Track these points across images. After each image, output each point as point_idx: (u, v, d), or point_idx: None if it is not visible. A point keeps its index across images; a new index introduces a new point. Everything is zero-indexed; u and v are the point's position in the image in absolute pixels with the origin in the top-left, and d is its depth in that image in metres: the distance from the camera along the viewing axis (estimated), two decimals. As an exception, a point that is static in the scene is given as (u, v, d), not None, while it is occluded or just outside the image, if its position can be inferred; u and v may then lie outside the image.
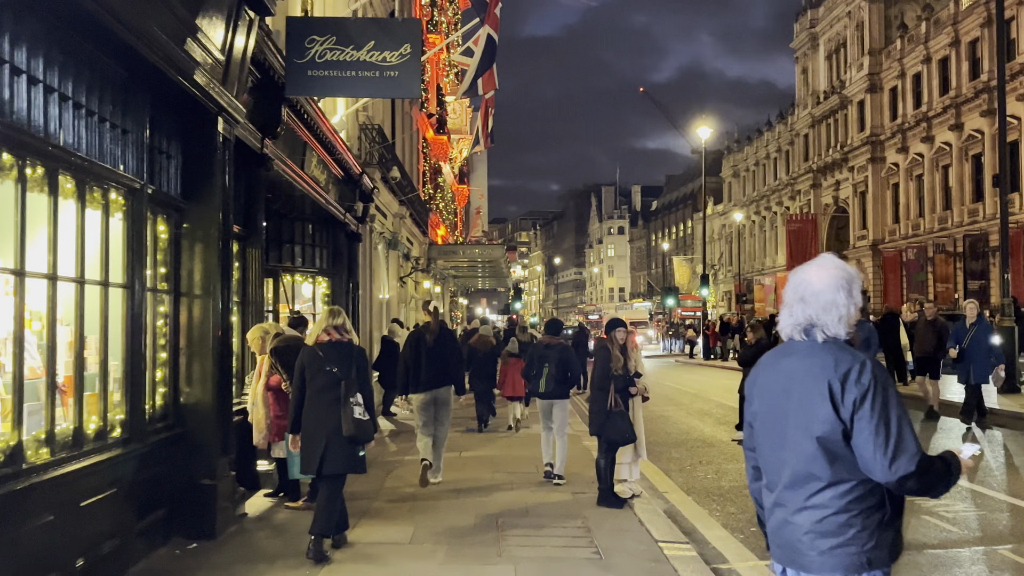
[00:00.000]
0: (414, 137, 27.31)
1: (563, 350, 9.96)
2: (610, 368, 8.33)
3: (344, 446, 6.74)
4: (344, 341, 7.04)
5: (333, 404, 6.74)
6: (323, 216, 13.75)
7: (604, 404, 8.39)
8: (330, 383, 6.77)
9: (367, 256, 16.76)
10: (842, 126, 61.50)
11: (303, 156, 10.94)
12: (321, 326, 7.06)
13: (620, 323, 8.62)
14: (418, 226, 26.35)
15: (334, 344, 6.93)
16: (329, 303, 14.65)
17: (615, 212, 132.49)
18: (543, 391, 9.86)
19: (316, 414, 6.82)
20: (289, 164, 10.23)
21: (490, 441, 13.62)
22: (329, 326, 7.00)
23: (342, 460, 6.80)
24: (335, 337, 6.98)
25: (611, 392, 8.31)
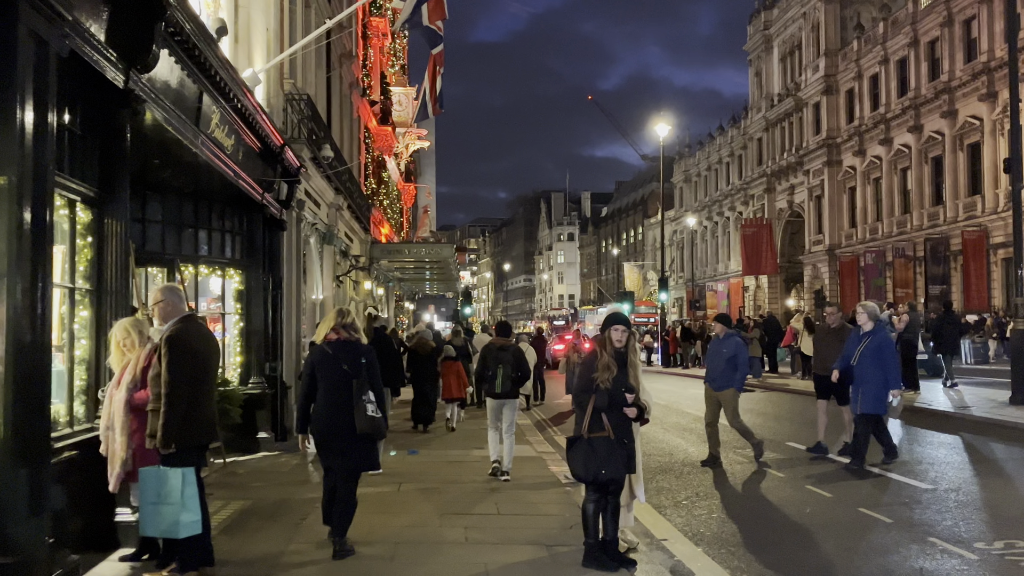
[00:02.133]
0: (354, 125, 24.91)
1: (516, 351, 10.50)
2: (593, 380, 6.13)
3: (357, 443, 6.90)
4: (353, 340, 7.16)
5: (345, 402, 6.84)
6: (234, 195, 11.35)
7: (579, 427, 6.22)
8: (342, 381, 6.88)
9: (293, 248, 14.35)
10: (797, 129, 60.50)
11: (199, 110, 8.55)
12: (330, 325, 7.16)
13: (620, 320, 6.39)
14: (359, 221, 23.94)
15: (343, 343, 7.06)
16: (244, 301, 12.23)
17: (565, 219, 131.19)
18: (499, 391, 10.29)
19: (329, 413, 6.90)
20: (178, 116, 7.83)
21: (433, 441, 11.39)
22: (338, 325, 7.12)
23: (356, 457, 6.95)
24: (344, 336, 7.10)
25: (588, 409, 6.13)
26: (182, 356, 5.90)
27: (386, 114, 29.93)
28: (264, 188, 12.01)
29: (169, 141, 8.20)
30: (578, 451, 6.16)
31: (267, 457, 11.60)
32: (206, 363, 6.19)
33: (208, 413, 6.18)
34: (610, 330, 6.27)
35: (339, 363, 6.93)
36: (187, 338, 5.99)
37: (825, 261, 56.06)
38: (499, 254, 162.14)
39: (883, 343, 10.55)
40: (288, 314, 13.93)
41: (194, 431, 5.99)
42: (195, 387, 5.97)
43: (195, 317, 6.46)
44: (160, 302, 6.17)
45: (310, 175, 15.53)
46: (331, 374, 6.92)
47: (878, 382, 10.39)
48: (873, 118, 50.54)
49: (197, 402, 6.00)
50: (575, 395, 6.34)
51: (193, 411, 5.95)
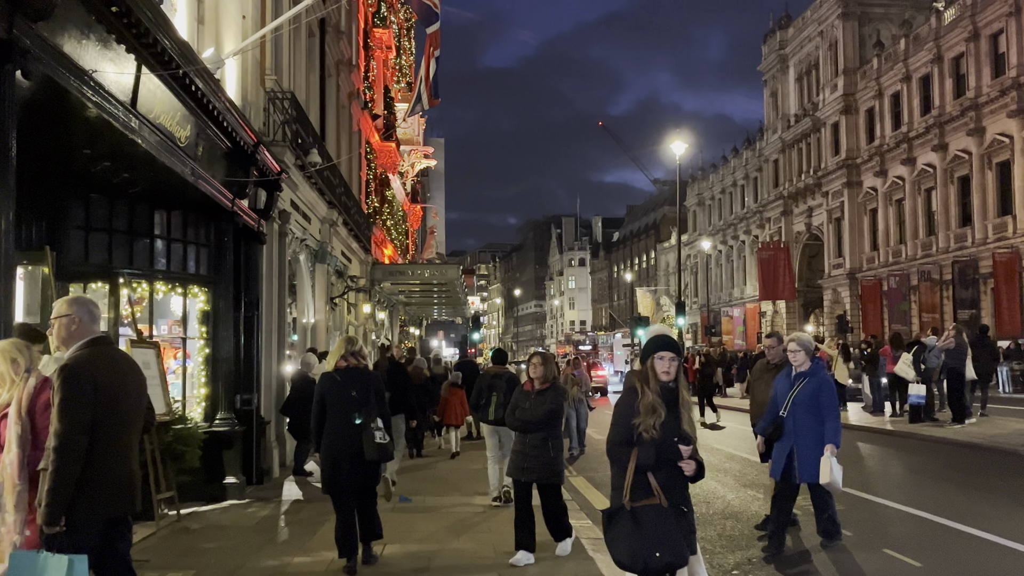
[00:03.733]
0: (354, 138, 23.39)
1: (510, 379, 10.24)
2: (633, 427, 4.44)
3: (366, 466, 7.16)
4: (362, 367, 7.37)
5: (355, 428, 7.05)
6: (198, 200, 9.76)
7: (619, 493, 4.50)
8: (351, 408, 7.09)
9: (275, 265, 12.72)
10: (815, 150, 58.92)
11: (135, 88, 6.95)
12: (339, 353, 7.29)
13: (668, 345, 4.67)
14: (358, 241, 22.35)
15: (352, 370, 7.25)
16: (210, 324, 10.58)
17: (576, 243, 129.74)
18: (492, 418, 10.06)
19: (339, 439, 7.09)
20: (98, 89, 6.22)
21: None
22: (347, 353, 7.27)
23: (364, 477, 7.22)
24: (353, 363, 7.27)
25: (630, 469, 4.41)
26: (79, 394, 4.26)
27: (389, 129, 28.43)
28: (235, 193, 10.41)
29: (98, 124, 6.60)
30: (620, 528, 4.44)
31: (234, 507, 9.88)
32: (117, 403, 4.47)
33: (121, 474, 4.47)
34: (654, 359, 4.57)
35: (348, 390, 7.13)
36: (89, 369, 4.33)
37: (846, 285, 54.23)
38: (509, 280, 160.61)
39: (822, 386, 7.55)
40: (268, 339, 12.28)
41: (94, 501, 4.30)
42: (99, 438, 4.30)
43: (108, 341, 4.75)
44: (63, 316, 4.51)
45: (296, 184, 13.94)
46: (340, 401, 7.09)
47: (817, 439, 7.42)
48: (895, 137, 48.90)
49: (102, 459, 4.33)
50: (610, 449, 4.61)
51: (95, 472, 4.29)
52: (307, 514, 9.54)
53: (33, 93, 5.68)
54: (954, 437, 15.74)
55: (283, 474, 12.40)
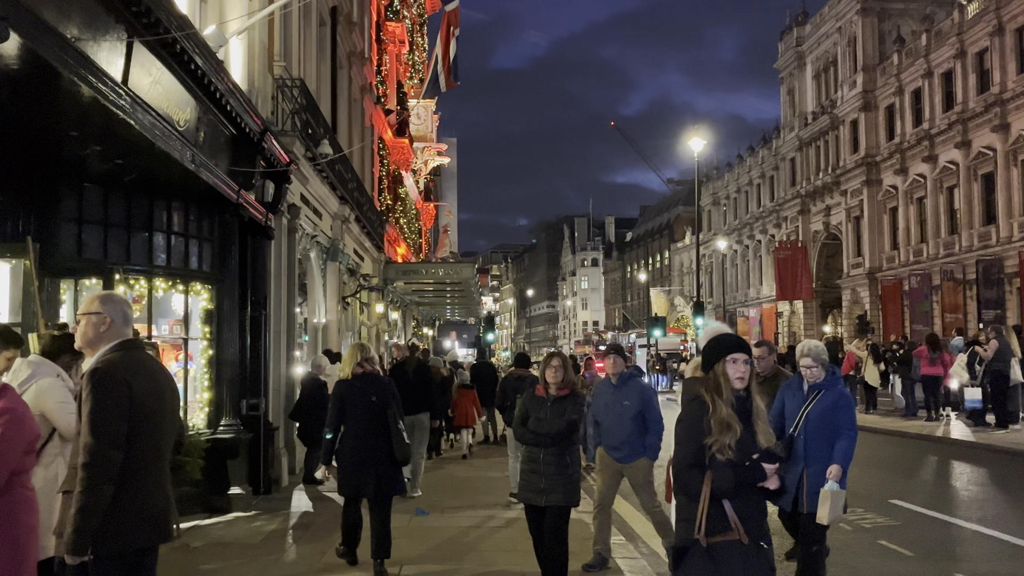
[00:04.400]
0: (367, 134, 22.73)
1: (533, 382, 9.57)
2: (704, 447, 3.71)
3: (391, 470, 7.21)
4: (375, 373, 7.48)
5: (379, 432, 7.10)
6: (201, 191, 9.10)
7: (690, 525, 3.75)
8: (375, 412, 7.14)
9: (284, 261, 12.05)
10: (833, 148, 57.98)
11: (127, 62, 6.28)
12: (355, 359, 7.35)
13: (739, 345, 3.92)
14: (371, 239, 21.69)
15: (368, 376, 7.32)
16: (214, 323, 9.91)
17: (588, 244, 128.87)
18: None
19: (363, 443, 7.12)
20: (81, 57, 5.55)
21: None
22: (362, 359, 7.34)
23: (390, 483, 7.23)
24: (369, 369, 7.36)
25: (704, 497, 3.66)
26: (114, 403, 3.63)
27: (403, 126, 27.77)
28: (241, 184, 9.74)
29: (85, 102, 5.92)
30: (695, 569, 3.69)
31: (239, 521, 9.20)
32: (153, 416, 3.83)
33: (156, 498, 3.85)
34: (725, 363, 3.82)
35: (368, 395, 7.17)
36: (125, 375, 3.69)
37: (865, 285, 53.28)
38: (521, 280, 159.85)
39: (840, 401, 6.35)
40: (276, 340, 11.61)
41: (126, 529, 3.68)
42: (134, 455, 3.68)
43: (141, 345, 4.05)
44: (92, 314, 3.85)
45: (306, 177, 13.28)
46: (361, 406, 7.12)
47: (823, 465, 6.15)
48: (916, 134, 47.95)
49: (136, 480, 3.70)
50: (678, 474, 3.83)
51: (128, 495, 3.66)
52: (318, 527, 8.87)
53: (13, 68, 5.03)
54: (1000, 443, 14.94)
55: (292, 483, 11.73)
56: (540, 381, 6.55)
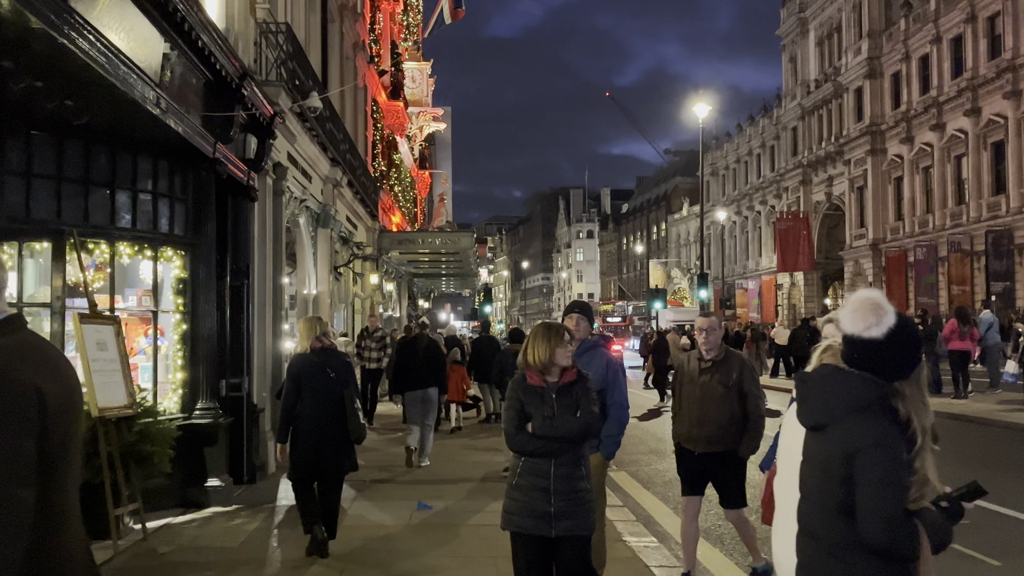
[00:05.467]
0: (359, 95, 21.48)
1: None
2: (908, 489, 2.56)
3: (346, 450, 6.91)
4: (333, 348, 7.21)
5: (335, 410, 6.81)
6: (172, 144, 7.93)
7: None
8: (331, 389, 6.84)
9: (270, 226, 10.92)
10: (836, 117, 56.82)
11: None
12: (312, 333, 7.00)
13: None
14: (364, 206, 20.51)
15: (327, 351, 7.01)
16: (188, 294, 8.77)
17: (584, 216, 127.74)
18: None
19: (320, 421, 6.77)
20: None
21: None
22: (320, 334, 7.02)
23: (345, 462, 6.94)
24: (327, 344, 7.05)
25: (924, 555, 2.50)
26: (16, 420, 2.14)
27: (397, 88, 26.49)
28: (218, 136, 8.57)
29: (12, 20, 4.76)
30: None
31: (217, 517, 8.11)
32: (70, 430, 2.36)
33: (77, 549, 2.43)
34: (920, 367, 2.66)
35: (326, 371, 6.85)
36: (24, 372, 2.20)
37: (869, 256, 52.33)
38: (516, 252, 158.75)
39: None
40: (260, 312, 10.49)
41: None
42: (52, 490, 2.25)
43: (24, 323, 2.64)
44: None
45: (294, 135, 12.10)
46: (319, 382, 6.80)
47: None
48: (923, 102, 46.80)
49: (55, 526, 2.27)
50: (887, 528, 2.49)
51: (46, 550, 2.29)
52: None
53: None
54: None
55: (280, 470, 10.67)
56: (530, 365, 4.68)
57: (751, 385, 6.07)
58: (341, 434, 6.78)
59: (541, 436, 4.54)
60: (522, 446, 4.58)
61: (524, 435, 4.58)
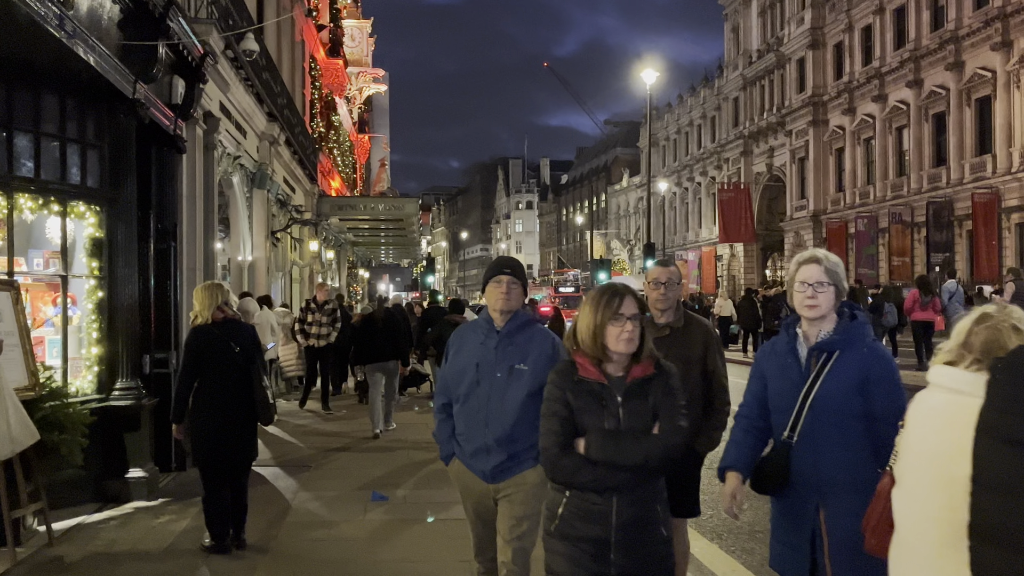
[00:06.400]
0: (296, 49, 20.12)
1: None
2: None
3: (252, 435, 6.25)
4: (237, 318, 6.41)
5: (239, 388, 6.04)
6: (84, 81, 6.73)
7: None
8: (234, 365, 6.02)
9: (200, 182, 9.74)
10: (778, 87, 56.65)
11: None
12: (213, 302, 6.08)
13: None
14: (303, 167, 19.24)
15: (230, 321, 6.20)
16: (104, 257, 7.58)
17: (523, 186, 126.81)
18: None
19: (221, 400, 5.98)
20: None
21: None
22: (220, 302, 6.12)
23: (251, 448, 6.29)
24: (229, 314, 6.23)
25: None
26: None
27: (336, 45, 25.10)
28: (138, 74, 7.37)
29: None
30: None
31: (139, 514, 7.01)
32: None
33: None
34: None
35: (230, 345, 6.04)
36: None
37: (809, 228, 52.46)
38: (455, 223, 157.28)
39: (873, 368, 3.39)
40: (189, 279, 9.34)
41: None
42: None
43: None
44: None
45: (227, 83, 10.89)
46: (222, 358, 6.00)
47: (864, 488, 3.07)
48: (865, 73, 46.80)
49: None
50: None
51: None
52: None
53: None
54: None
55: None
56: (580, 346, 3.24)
57: (717, 361, 4.62)
58: (246, 418, 6.09)
59: (608, 460, 3.09)
60: (569, 475, 3.13)
61: (572, 458, 3.11)
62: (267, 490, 8.00)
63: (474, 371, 3.96)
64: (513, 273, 4.04)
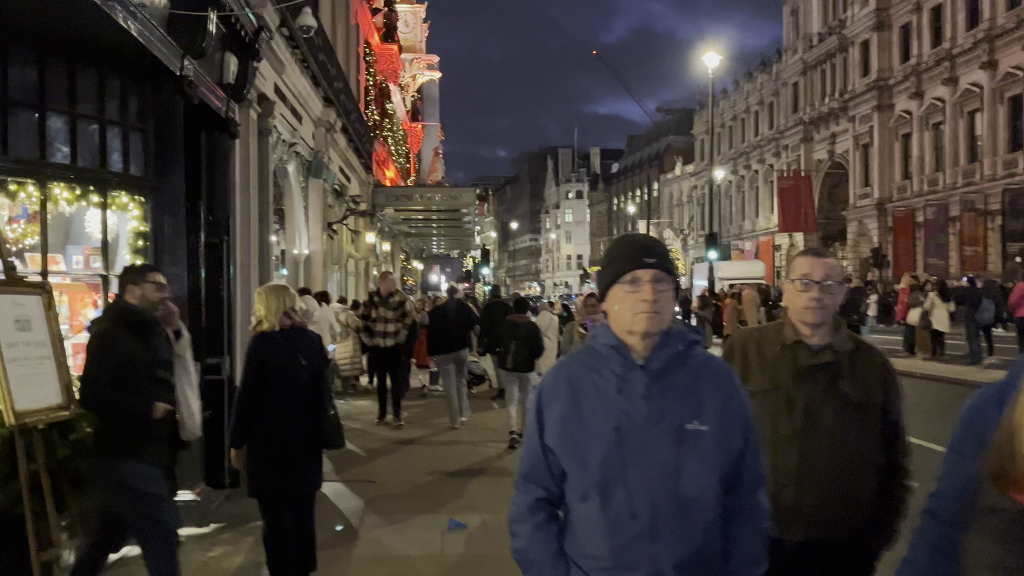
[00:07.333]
0: (351, 33, 19.34)
1: (529, 326, 10.50)
2: None
3: (317, 460, 5.44)
4: (303, 327, 5.57)
5: (305, 407, 5.28)
6: (121, 51, 5.91)
7: None
8: (300, 381, 5.26)
9: (254, 170, 8.93)
10: (841, 71, 54.82)
11: None
12: (278, 307, 5.30)
13: None
14: (358, 155, 18.46)
15: (298, 331, 5.42)
16: (151, 253, 6.78)
17: (573, 175, 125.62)
18: (509, 366, 10.31)
19: (284, 421, 5.19)
20: None
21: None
22: (288, 308, 5.36)
23: (316, 476, 5.48)
24: (297, 322, 5.45)
25: None
26: None
27: (391, 30, 24.30)
28: (187, 48, 6.55)
29: None
30: None
31: (191, 544, 6.20)
32: None
33: None
34: None
35: (296, 357, 5.24)
36: None
37: (874, 216, 50.69)
38: (503, 213, 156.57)
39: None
40: (244, 276, 8.54)
41: None
42: None
43: None
44: None
45: (282, 63, 10.07)
46: (287, 372, 5.19)
47: None
48: (935, 55, 44.88)
49: None
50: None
51: None
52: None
53: None
54: None
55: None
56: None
57: (901, 410, 3.14)
58: (313, 441, 5.33)
59: None
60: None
61: None
62: (329, 513, 7.18)
63: (611, 439, 2.27)
64: (660, 264, 2.32)
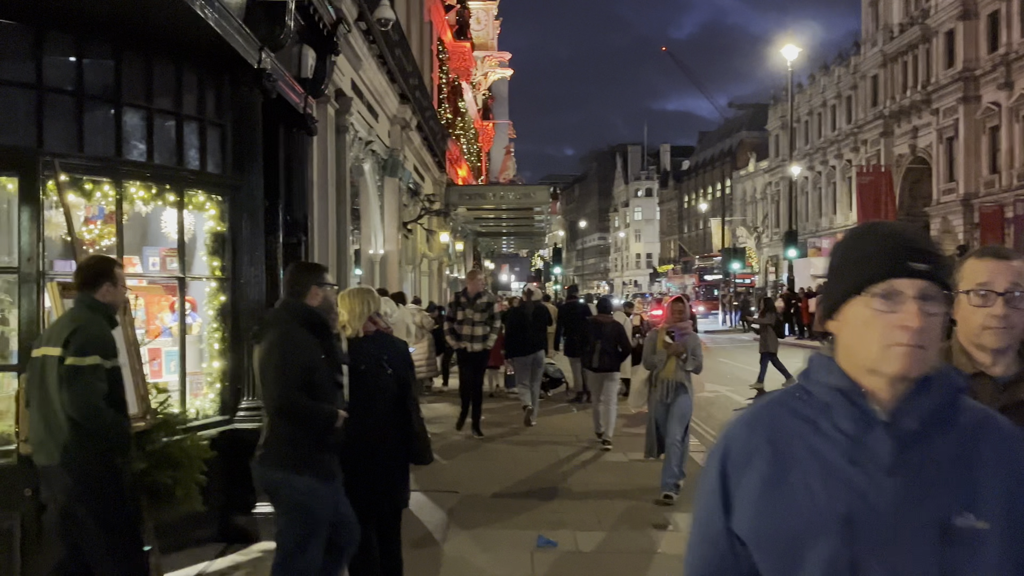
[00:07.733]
0: (425, 31, 19.09)
1: (615, 326, 10.66)
2: None
3: (404, 475, 5.14)
4: (389, 332, 5.30)
5: (391, 418, 4.96)
6: (198, 44, 5.65)
7: None
8: (386, 390, 4.94)
9: (332, 169, 8.65)
10: (923, 63, 52.90)
11: None
12: (363, 311, 4.98)
13: None
14: (432, 154, 18.20)
15: (382, 336, 5.10)
16: (227, 254, 6.52)
17: (642, 173, 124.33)
18: (595, 366, 10.47)
19: (368, 433, 4.79)
20: None
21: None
22: (372, 312, 5.05)
23: (403, 492, 5.16)
24: (382, 327, 5.14)
25: None
26: None
27: (463, 27, 24.03)
28: (265, 40, 6.26)
29: None
30: None
31: (268, 557, 5.93)
32: None
33: None
34: None
35: (382, 364, 4.91)
36: None
37: (959, 212, 48.82)
38: (572, 212, 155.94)
39: None
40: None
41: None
42: None
43: None
44: None
45: (359, 58, 9.78)
46: (373, 381, 4.86)
47: None
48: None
49: None
50: None
51: None
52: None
53: None
54: None
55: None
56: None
57: None
58: (399, 454, 5.02)
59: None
60: None
61: None
62: (413, 528, 6.83)
63: (838, 534, 1.52)
64: (933, 273, 1.57)
